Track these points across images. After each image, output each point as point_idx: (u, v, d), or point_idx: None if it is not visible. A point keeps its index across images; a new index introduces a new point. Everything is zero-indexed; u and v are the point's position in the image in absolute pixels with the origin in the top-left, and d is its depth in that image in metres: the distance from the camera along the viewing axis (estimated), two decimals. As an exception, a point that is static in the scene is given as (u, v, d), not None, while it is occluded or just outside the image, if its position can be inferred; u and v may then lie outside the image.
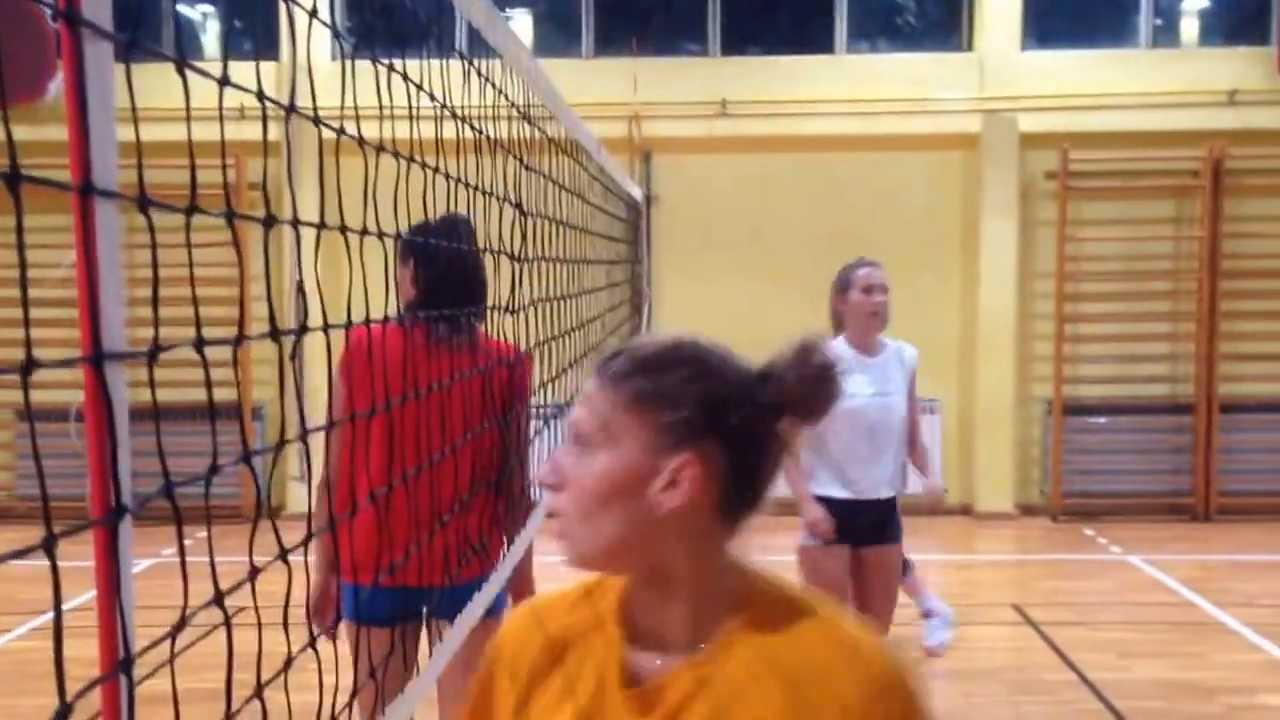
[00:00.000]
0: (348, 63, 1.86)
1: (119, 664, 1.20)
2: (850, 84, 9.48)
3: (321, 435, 1.98)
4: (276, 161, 9.55)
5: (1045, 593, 7.41)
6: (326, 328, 1.70)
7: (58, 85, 9.34)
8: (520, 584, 3.54)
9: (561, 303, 3.86)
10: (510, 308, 3.11)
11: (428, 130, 2.17)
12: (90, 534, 1.06)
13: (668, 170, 9.31)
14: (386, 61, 2.09)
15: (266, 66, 9.44)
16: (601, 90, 9.01)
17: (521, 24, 10.10)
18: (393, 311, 2.39)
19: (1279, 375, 9.56)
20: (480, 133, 2.65)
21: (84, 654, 1.29)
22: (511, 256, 3.10)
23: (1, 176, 1.06)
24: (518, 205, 3.11)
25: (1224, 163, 9.38)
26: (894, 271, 9.72)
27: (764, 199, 9.69)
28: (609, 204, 5.92)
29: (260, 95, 1.57)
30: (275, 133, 9.46)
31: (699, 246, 9.18)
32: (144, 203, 1.31)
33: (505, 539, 3.30)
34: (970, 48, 9.64)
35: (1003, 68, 9.52)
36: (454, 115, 2.42)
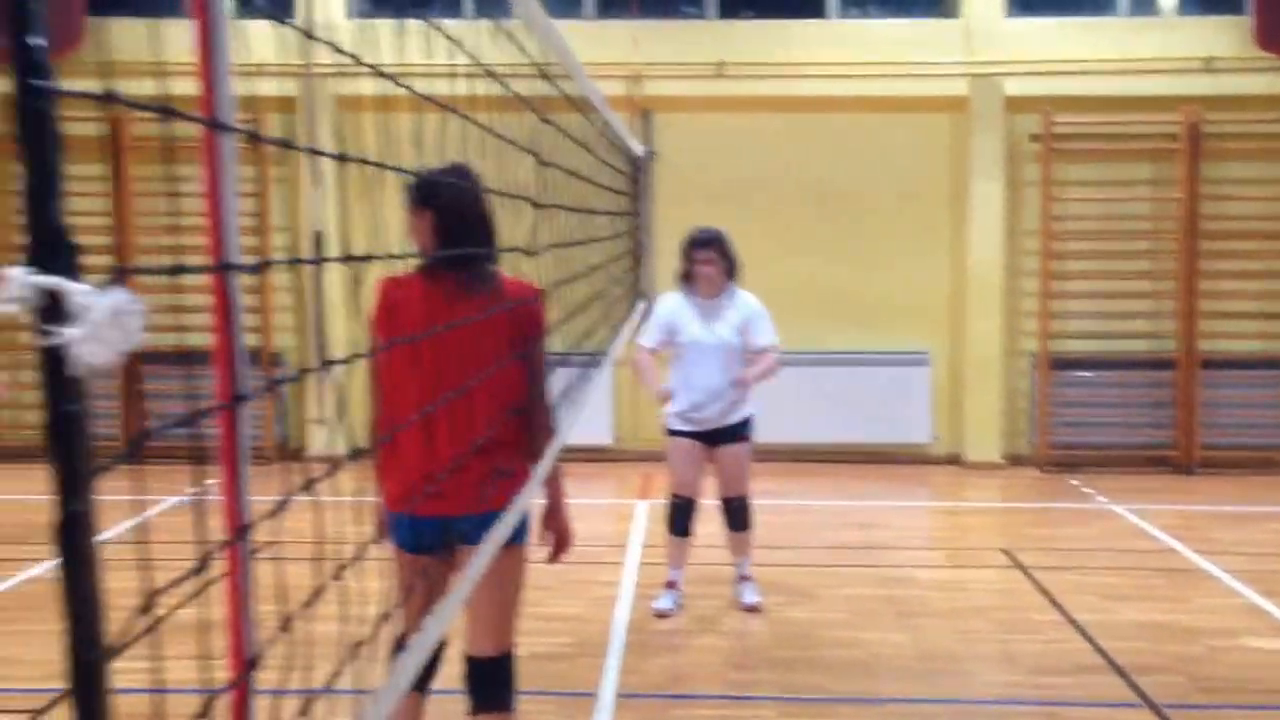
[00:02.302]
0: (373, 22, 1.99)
1: (238, 530, 1.38)
2: (842, 48, 9.64)
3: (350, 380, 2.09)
4: (294, 117, 9.69)
5: (1033, 539, 7.63)
6: (349, 259, 1.78)
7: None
8: (557, 524, 3.72)
9: (573, 249, 4.03)
10: (529, 251, 3.27)
11: (445, 87, 2.25)
12: (126, 470, 1.18)
13: (667, 128, 9.48)
14: (414, 20, 2.20)
15: (283, 27, 9.54)
16: (603, 51, 9.17)
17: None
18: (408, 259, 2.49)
19: (1258, 333, 9.81)
20: (504, 88, 2.78)
21: (126, 586, 1.42)
22: (533, 204, 3.28)
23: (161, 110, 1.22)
24: (536, 156, 3.28)
25: (1201, 127, 9.59)
26: (885, 228, 10.08)
27: (759, 157, 9.87)
28: (613, 158, 6.08)
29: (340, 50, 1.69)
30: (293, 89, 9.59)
31: (697, 201, 9.36)
32: (254, 138, 1.49)
33: (530, 468, 3.46)
34: (957, 14, 9.81)
35: (988, 34, 9.69)
36: (477, 73, 2.52)
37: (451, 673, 3.66)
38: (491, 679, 3.49)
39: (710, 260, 5.85)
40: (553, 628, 5.70)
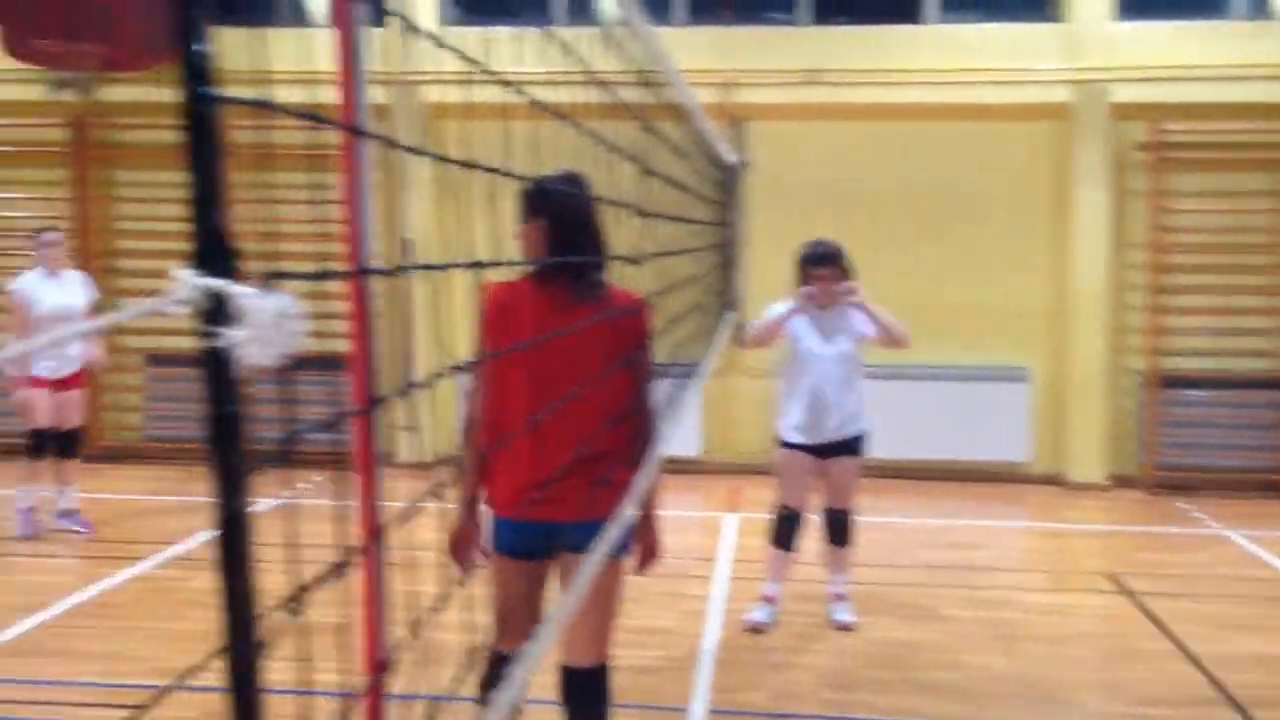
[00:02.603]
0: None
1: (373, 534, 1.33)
2: (940, 54, 9.43)
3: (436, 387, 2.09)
4: (386, 124, 9.77)
5: (1140, 564, 7.34)
6: (476, 265, 1.80)
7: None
8: (648, 536, 3.64)
9: (670, 259, 4.00)
10: (634, 260, 3.30)
11: (545, 95, 2.24)
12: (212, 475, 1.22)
13: (759, 137, 9.34)
14: (510, 27, 2.17)
15: (377, 34, 9.65)
16: (694, 58, 9.07)
17: (611, -5, 10.16)
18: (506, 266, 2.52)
19: (1379, 351, 9.38)
20: (608, 96, 2.75)
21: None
22: (639, 213, 3.27)
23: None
24: (641, 164, 3.27)
25: (1322, 135, 9.21)
26: (984, 240, 9.83)
27: (853, 167, 9.69)
28: (708, 166, 5.98)
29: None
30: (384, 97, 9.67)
31: (789, 211, 9.21)
32: (393, 145, 1.48)
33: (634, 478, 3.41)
34: (1061, 18, 9.54)
35: (1094, 38, 9.40)
36: (577, 80, 2.51)
37: (544, 682, 3.59)
38: (588, 690, 3.49)
39: (828, 277, 5.72)
40: (642, 640, 5.60)
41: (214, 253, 1.03)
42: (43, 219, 9.93)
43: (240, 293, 1.01)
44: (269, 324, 1.01)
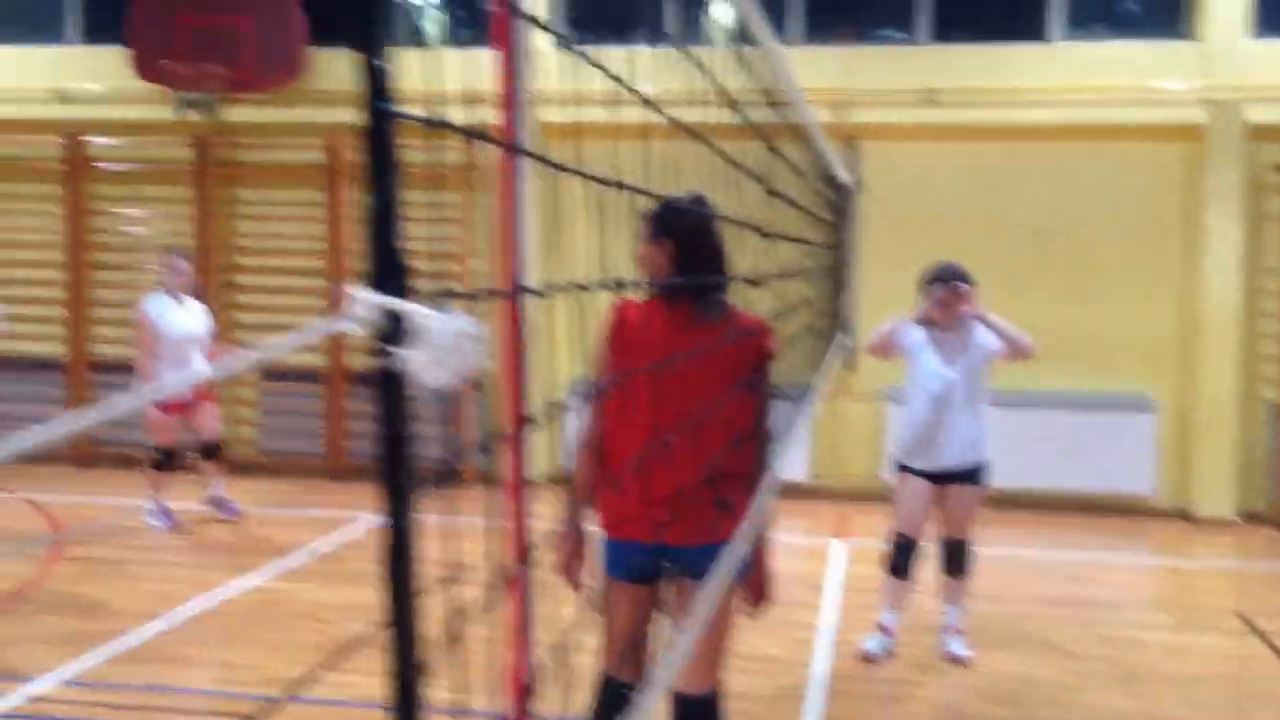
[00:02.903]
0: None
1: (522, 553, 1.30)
2: (1065, 72, 9.19)
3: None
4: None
5: (1271, 603, 7.01)
6: (617, 285, 1.79)
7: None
8: (760, 571, 3.54)
9: (787, 280, 3.96)
10: (755, 281, 3.33)
11: (664, 114, 2.23)
12: (331, 486, 1.20)
13: (873, 157, 9.19)
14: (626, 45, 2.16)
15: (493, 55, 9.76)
16: (810, 77, 8.95)
17: (726, 12, 10.13)
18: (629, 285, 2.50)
19: None
20: (730, 115, 2.72)
21: (334, 599, 1.37)
22: (761, 233, 3.24)
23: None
24: (766, 185, 3.25)
25: None
26: (1108, 264, 9.54)
27: (971, 187, 9.49)
28: (825, 187, 5.90)
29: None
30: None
31: (903, 233, 9.05)
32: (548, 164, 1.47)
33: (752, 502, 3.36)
34: (1194, 35, 9.23)
35: (1229, 56, 9.07)
36: (701, 99, 2.50)
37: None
38: (700, 717, 3.44)
39: (960, 298, 5.62)
40: (750, 667, 5.50)
41: (389, 272, 1.02)
42: (166, 235, 10.24)
43: (419, 312, 1.00)
44: (448, 345, 1.01)
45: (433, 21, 10.62)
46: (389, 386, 1.01)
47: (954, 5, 9.67)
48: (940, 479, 5.66)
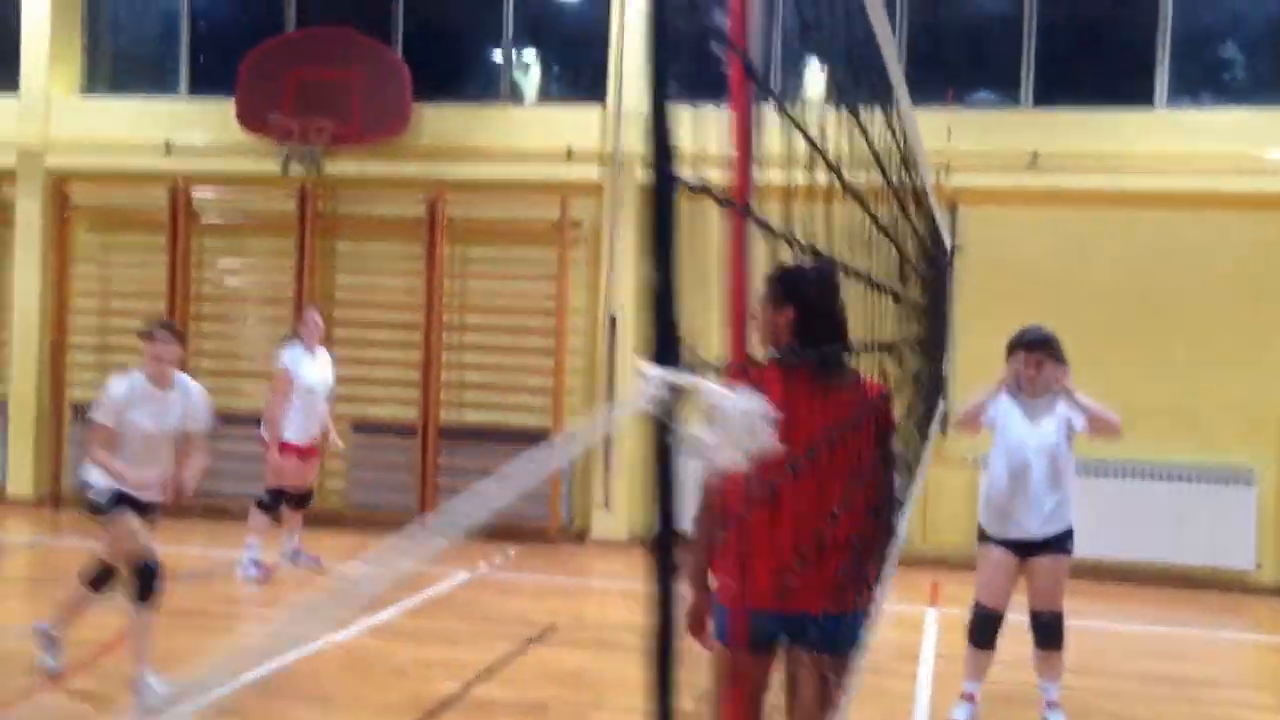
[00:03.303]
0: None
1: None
2: (1171, 139, 9.10)
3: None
4: (596, 201, 9.94)
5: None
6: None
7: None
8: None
9: (913, 345, 3.93)
10: (884, 346, 3.30)
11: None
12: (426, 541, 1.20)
13: (973, 221, 9.15)
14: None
15: (591, 112, 9.90)
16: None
17: (820, 72, 10.17)
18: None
19: None
20: (884, 178, 2.72)
21: (424, 656, 1.33)
22: (896, 298, 3.21)
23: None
24: (898, 247, 3.22)
25: None
26: (1211, 333, 9.34)
27: (1071, 253, 9.38)
28: (934, 250, 5.88)
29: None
30: (598, 175, 9.88)
31: (1002, 298, 8.96)
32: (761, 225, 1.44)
33: (877, 575, 3.30)
34: (1300, 103, 9.09)
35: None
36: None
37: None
38: None
39: (1040, 364, 5.52)
40: (848, 738, 5.40)
41: (668, 346, 1.01)
42: (266, 286, 10.43)
43: (714, 390, 0.99)
44: (743, 424, 0.99)
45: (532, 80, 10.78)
46: (665, 464, 1.00)
47: (1057, 69, 9.63)
48: (1022, 548, 5.56)
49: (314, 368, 8.27)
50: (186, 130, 10.58)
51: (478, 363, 10.27)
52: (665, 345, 1.01)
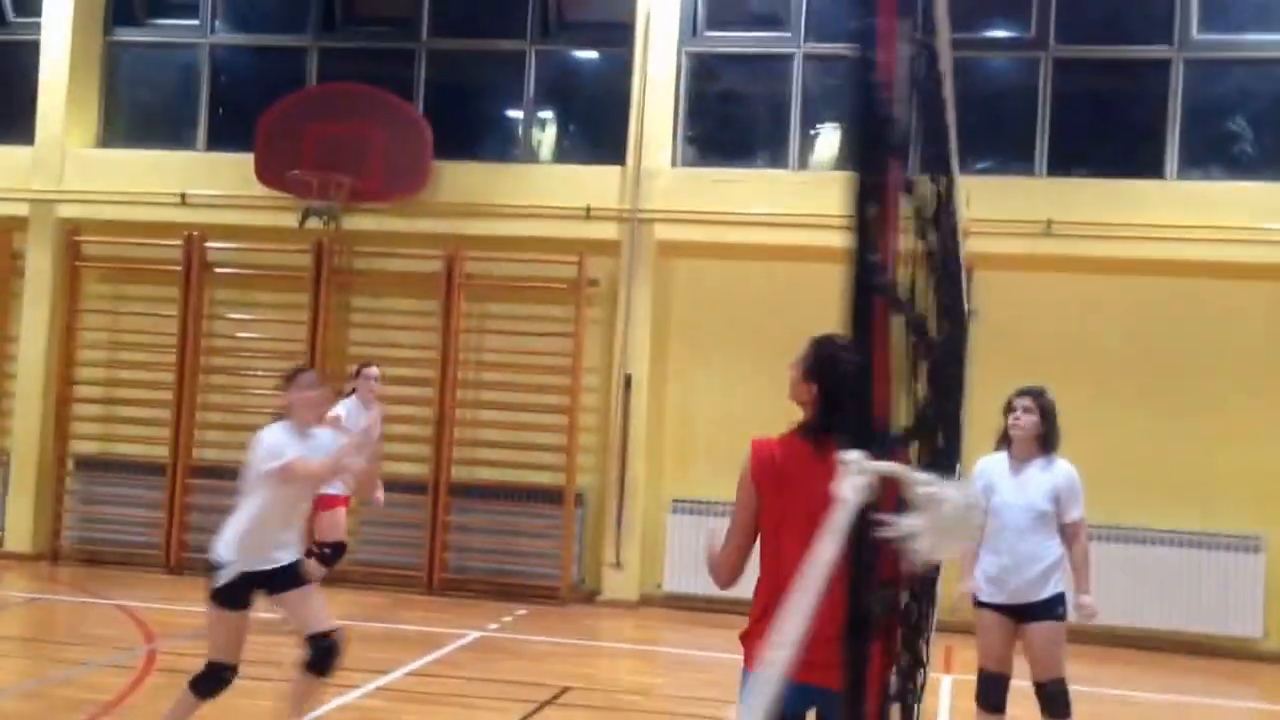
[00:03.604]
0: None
1: None
2: (1182, 209, 9.22)
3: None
4: (614, 260, 9.99)
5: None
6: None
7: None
8: None
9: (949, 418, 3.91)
10: (928, 426, 3.20)
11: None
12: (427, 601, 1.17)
13: (987, 287, 9.21)
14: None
15: (610, 171, 9.98)
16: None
17: (832, 139, 10.31)
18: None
19: None
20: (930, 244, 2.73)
21: (429, 717, 1.31)
22: (933, 378, 3.20)
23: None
24: (957, 319, 3.21)
25: None
26: (1221, 402, 9.39)
27: (1085, 321, 9.48)
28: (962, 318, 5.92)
29: None
30: (616, 233, 9.95)
31: (1015, 364, 8.99)
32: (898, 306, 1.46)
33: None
34: (1307, 178, 9.24)
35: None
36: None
37: None
38: None
39: (1028, 409, 5.60)
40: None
41: (866, 433, 1.02)
42: (280, 340, 10.39)
43: (925, 480, 0.96)
44: (957, 516, 0.96)
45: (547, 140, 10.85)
46: (863, 553, 0.99)
47: (1073, 139, 9.78)
48: (1014, 613, 5.57)
49: (367, 423, 8.12)
50: (202, 183, 10.58)
51: (492, 420, 10.22)
52: (862, 432, 1.02)
